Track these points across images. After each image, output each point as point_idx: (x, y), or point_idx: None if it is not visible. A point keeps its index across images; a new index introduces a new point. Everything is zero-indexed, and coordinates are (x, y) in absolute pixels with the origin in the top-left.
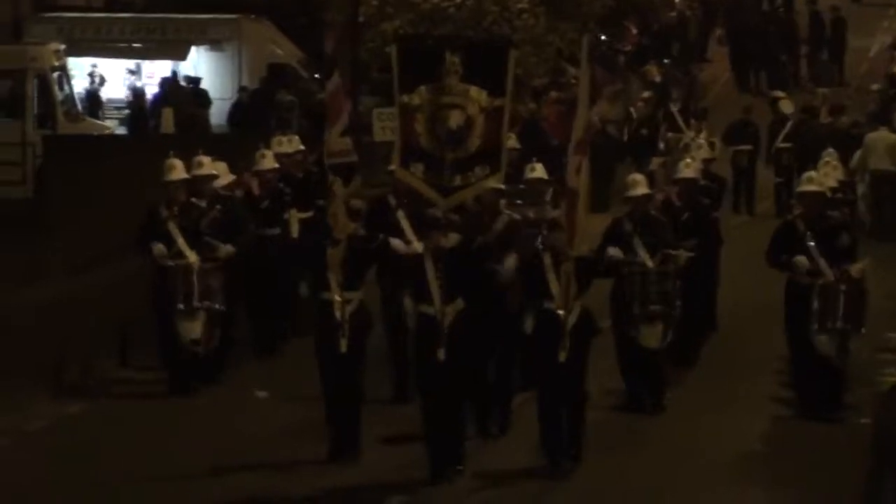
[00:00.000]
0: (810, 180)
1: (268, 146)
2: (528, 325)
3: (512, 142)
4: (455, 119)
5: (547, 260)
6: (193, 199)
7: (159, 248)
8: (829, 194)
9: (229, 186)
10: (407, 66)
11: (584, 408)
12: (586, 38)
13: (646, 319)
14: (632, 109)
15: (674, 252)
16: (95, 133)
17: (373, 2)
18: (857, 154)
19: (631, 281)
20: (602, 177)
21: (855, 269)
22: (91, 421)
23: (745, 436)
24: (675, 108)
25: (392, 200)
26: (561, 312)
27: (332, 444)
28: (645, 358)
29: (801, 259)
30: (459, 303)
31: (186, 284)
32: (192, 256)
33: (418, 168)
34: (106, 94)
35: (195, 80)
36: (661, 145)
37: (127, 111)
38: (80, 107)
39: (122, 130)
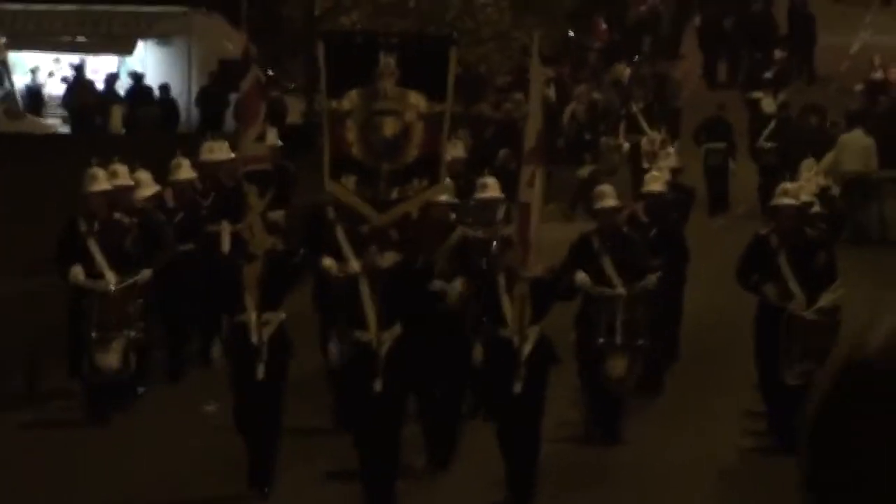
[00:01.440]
0: (785, 192)
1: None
2: (478, 352)
3: (458, 151)
4: (390, 127)
5: (500, 281)
6: (117, 215)
7: (76, 273)
8: (810, 206)
9: (148, 199)
10: (336, 67)
11: (539, 442)
12: (537, 35)
13: (612, 350)
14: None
15: (643, 282)
16: (37, 132)
17: None
18: (829, 155)
19: (597, 308)
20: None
21: (826, 298)
22: None
23: (711, 468)
24: (636, 108)
25: (331, 214)
26: (515, 339)
27: (251, 478)
28: (608, 386)
29: (770, 288)
30: (397, 328)
31: (102, 312)
32: (112, 277)
33: (350, 180)
34: (49, 90)
35: (139, 77)
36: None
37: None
38: (21, 104)
39: (66, 129)
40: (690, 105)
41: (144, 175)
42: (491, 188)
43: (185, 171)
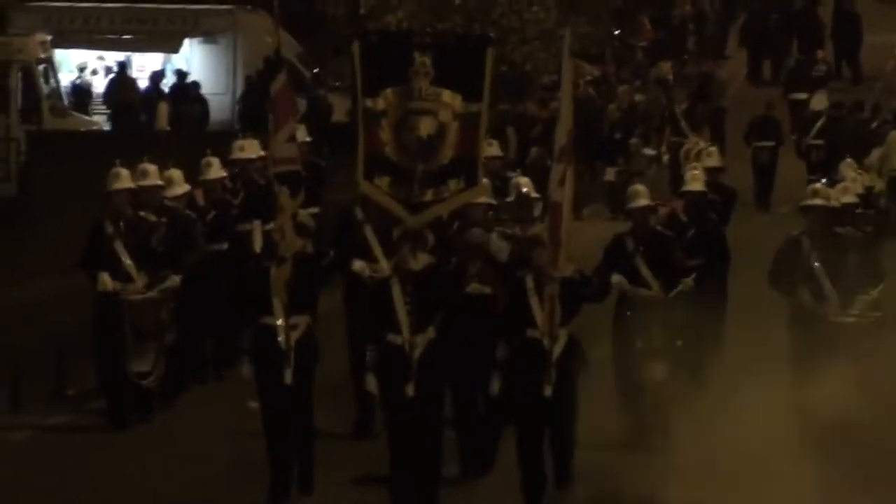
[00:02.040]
0: (815, 193)
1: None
2: (502, 353)
3: (493, 150)
4: (425, 127)
5: (529, 282)
6: (142, 213)
7: (104, 279)
8: (855, 206)
9: (179, 198)
10: (371, 66)
11: (571, 449)
12: (568, 31)
13: (649, 355)
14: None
15: (679, 287)
16: (83, 129)
17: None
18: (876, 151)
19: (633, 310)
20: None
21: (859, 303)
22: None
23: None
24: (679, 110)
25: (359, 214)
26: (545, 341)
27: (272, 490)
28: (648, 392)
29: (805, 292)
30: (430, 332)
31: (136, 320)
32: (140, 279)
33: (384, 181)
34: (96, 88)
35: (183, 74)
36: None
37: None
38: (66, 101)
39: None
40: (735, 104)
41: (176, 174)
42: (525, 186)
43: (215, 170)
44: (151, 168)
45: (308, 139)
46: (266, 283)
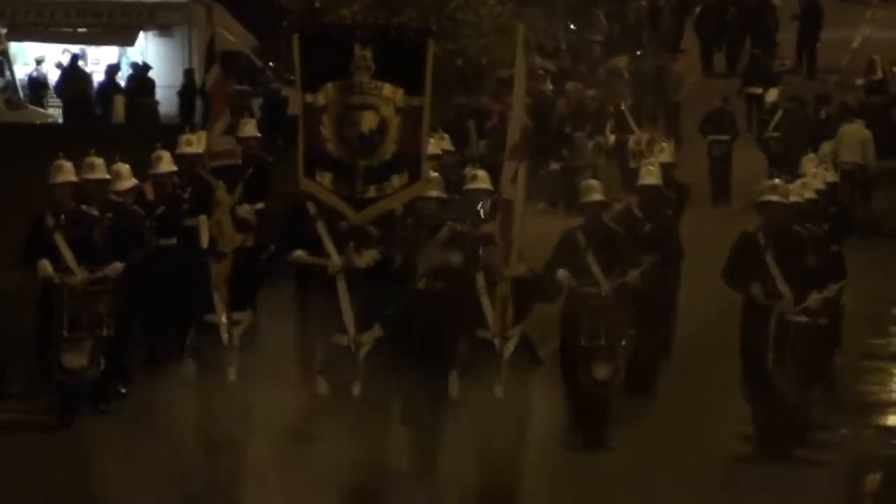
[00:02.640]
0: (773, 189)
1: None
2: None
3: (445, 144)
4: (367, 121)
5: (480, 282)
6: (83, 207)
7: (44, 265)
8: (814, 203)
9: (126, 192)
10: (310, 60)
11: (521, 448)
12: (521, 26)
13: (595, 352)
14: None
15: (627, 278)
16: (38, 122)
17: None
18: (826, 145)
19: (580, 307)
20: None
21: (813, 299)
22: None
23: (699, 477)
24: (624, 105)
25: (311, 209)
26: (497, 341)
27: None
28: (592, 390)
29: (757, 288)
30: (376, 330)
31: (72, 310)
32: (80, 272)
33: (325, 177)
34: (51, 80)
35: (144, 68)
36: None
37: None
38: (22, 94)
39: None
40: (690, 98)
41: (123, 168)
42: (481, 180)
43: (165, 163)
44: (98, 161)
45: (257, 134)
46: (206, 279)
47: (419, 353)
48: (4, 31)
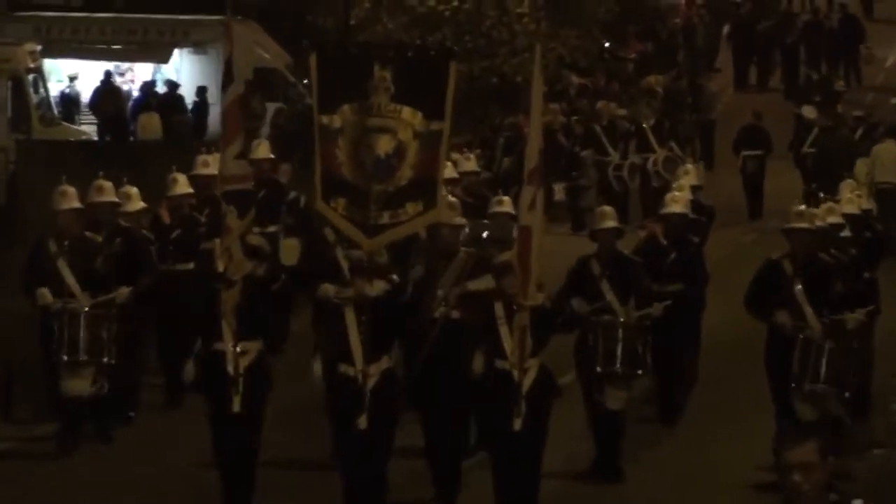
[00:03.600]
0: (800, 215)
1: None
2: (476, 384)
3: (471, 165)
4: (384, 145)
5: (498, 311)
6: (87, 233)
7: (43, 293)
8: (840, 228)
9: (134, 215)
10: (327, 80)
11: (538, 480)
12: (538, 47)
13: (610, 380)
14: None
15: (647, 310)
16: (72, 138)
17: (365, 4)
18: (860, 163)
19: (596, 335)
20: None
21: (850, 318)
22: None
23: (728, 498)
24: (647, 125)
25: (330, 235)
26: (515, 373)
27: None
28: (611, 418)
29: (783, 316)
30: (385, 361)
31: (72, 334)
32: (84, 299)
33: (339, 203)
34: (85, 98)
35: (173, 85)
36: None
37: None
38: (56, 110)
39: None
40: (727, 118)
41: (132, 190)
42: (506, 204)
43: (181, 186)
44: (106, 185)
45: (270, 156)
46: (215, 306)
47: (435, 383)
48: (39, 48)
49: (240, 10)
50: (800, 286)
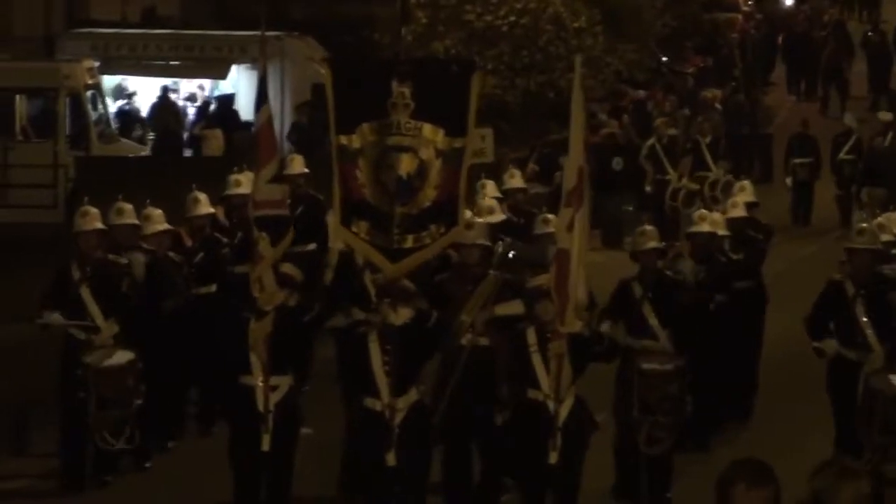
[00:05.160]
0: (861, 233)
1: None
2: (500, 418)
3: (516, 181)
4: (405, 165)
5: (531, 338)
6: (111, 256)
7: (55, 317)
8: (893, 245)
9: (155, 238)
10: (344, 98)
11: None
12: (579, 58)
13: (648, 425)
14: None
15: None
16: (130, 155)
17: (422, 20)
18: None
19: (632, 374)
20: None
21: None
22: None
23: None
24: (705, 141)
25: (359, 260)
26: (550, 404)
27: None
28: (645, 460)
29: (830, 346)
30: (413, 394)
31: (100, 389)
32: (108, 329)
33: (361, 227)
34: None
35: (228, 100)
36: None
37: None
38: (114, 126)
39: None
40: (783, 132)
41: (154, 212)
42: (552, 224)
43: (202, 206)
44: (126, 207)
45: (305, 170)
46: (244, 335)
47: (462, 414)
48: (97, 64)
49: (296, 26)
50: (861, 308)
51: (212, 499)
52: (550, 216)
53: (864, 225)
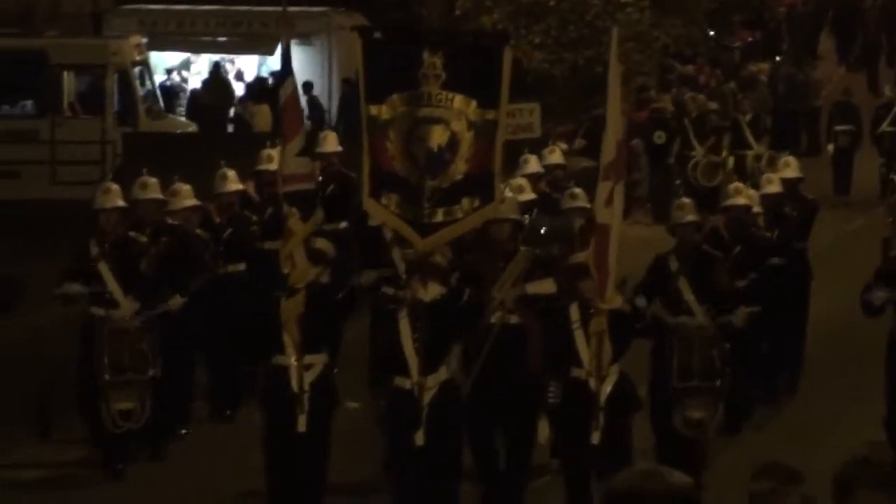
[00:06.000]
0: None
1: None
2: (554, 396)
3: (556, 157)
4: (437, 137)
5: (573, 315)
6: (131, 233)
7: (74, 287)
8: None
9: (184, 212)
10: (375, 68)
11: None
12: (615, 29)
13: (688, 393)
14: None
15: (728, 317)
16: (178, 131)
17: None
18: None
19: (670, 342)
20: None
21: None
22: None
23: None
24: (745, 119)
25: (388, 234)
26: (592, 382)
27: None
28: (685, 431)
29: (879, 295)
30: (443, 373)
31: (113, 351)
32: (127, 305)
33: (391, 199)
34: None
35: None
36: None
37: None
38: (161, 103)
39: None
40: (828, 102)
41: (183, 187)
42: (579, 198)
43: (230, 183)
44: (151, 181)
45: (339, 148)
46: (276, 315)
47: (494, 395)
48: (145, 40)
49: (344, 1)
50: None
51: (230, 487)
52: (578, 190)
53: None
